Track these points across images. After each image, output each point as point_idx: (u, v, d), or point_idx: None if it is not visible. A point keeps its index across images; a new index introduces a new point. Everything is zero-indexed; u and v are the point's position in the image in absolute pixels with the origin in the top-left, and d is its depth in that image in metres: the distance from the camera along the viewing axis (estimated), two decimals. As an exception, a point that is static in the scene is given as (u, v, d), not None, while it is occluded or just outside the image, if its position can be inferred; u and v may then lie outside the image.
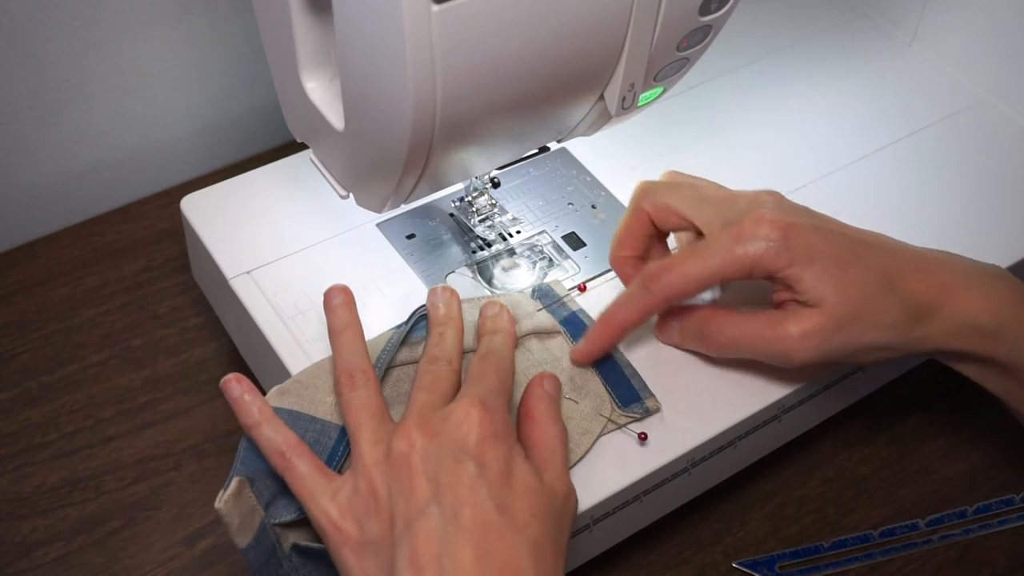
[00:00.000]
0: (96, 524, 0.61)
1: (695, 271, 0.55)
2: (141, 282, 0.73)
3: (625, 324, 0.57)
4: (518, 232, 0.64)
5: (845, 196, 0.69)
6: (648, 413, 0.56)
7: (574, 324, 0.59)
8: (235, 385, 0.52)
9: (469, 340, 0.56)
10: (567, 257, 0.64)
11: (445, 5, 0.43)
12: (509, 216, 0.64)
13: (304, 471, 0.50)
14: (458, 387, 0.53)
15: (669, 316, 0.59)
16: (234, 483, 0.51)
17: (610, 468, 0.55)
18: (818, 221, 0.57)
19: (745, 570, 0.61)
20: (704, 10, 0.52)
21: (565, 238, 0.65)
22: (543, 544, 0.47)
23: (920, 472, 0.66)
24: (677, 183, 0.60)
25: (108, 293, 0.73)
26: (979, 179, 0.71)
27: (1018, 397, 0.57)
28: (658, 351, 0.60)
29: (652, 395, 0.57)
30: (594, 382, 0.57)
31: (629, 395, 0.57)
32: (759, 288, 0.58)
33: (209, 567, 0.60)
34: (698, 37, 0.54)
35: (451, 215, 0.65)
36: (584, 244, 0.65)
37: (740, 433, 0.58)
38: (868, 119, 0.75)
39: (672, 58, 0.54)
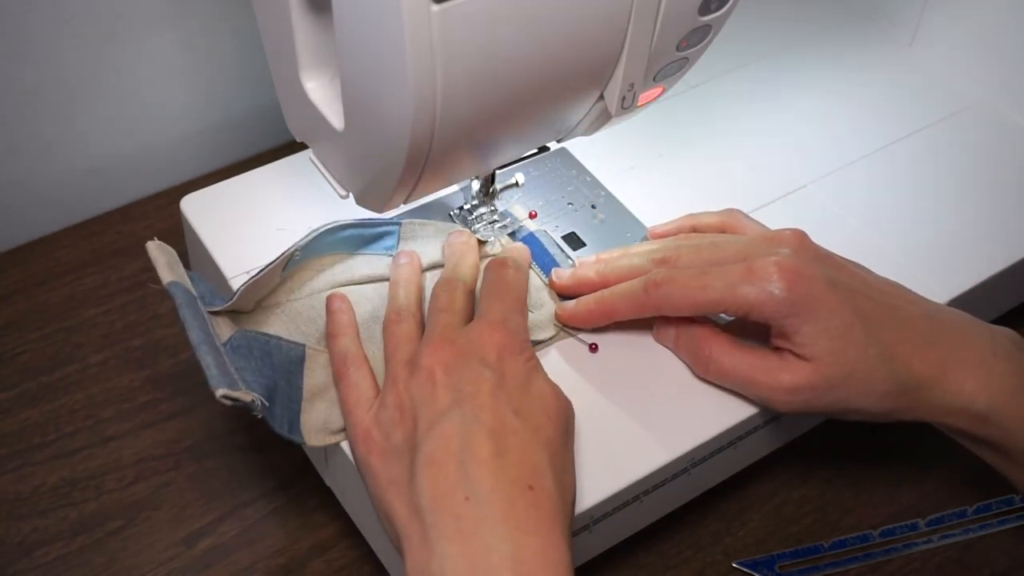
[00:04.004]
0: (96, 524, 0.61)
1: (694, 297, 0.55)
2: (141, 282, 0.73)
3: (615, 312, 0.58)
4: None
5: (844, 196, 0.69)
6: None
7: (528, 242, 0.63)
8: (338, 302, 0.58)
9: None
10: (567, 257, 0.64)
11: (445, 5, 0.43)
12: (508, 221, 0.64)
13: (355, 380, 0.54)
14: (472, 307, 0.57)
15: (670, 321, 0.59)
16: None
17: (610, 468, 0.55)
18: (835, 273, 0.55)
19: (745, 570, 0.61)
20: (704, 10, 0.52)
21: (565, 238, 0.65)
22: (556, 444, 0.50)
23: (920, 472, 0.66)
24: (678, 275, 0.56)
25: (108, 293, 0.73)
26: (979, 179, 0.71)
27: (1013, 475, 0.57)
28: (659, 350, 0.60)
29: None
30: (549, 297, 0.61)
31: None
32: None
33: (209, 567, 0.60)
34: (698, 37, 0.54)
35: (450, 215, 0.65)
36: (584, 244, 0.65)
37: (740, 433, 0.58)
38: (868, 119, 0.75)
39: (672, 58, 0.54)
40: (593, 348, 0.59)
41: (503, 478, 0.47)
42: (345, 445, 0.55)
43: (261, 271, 0.56)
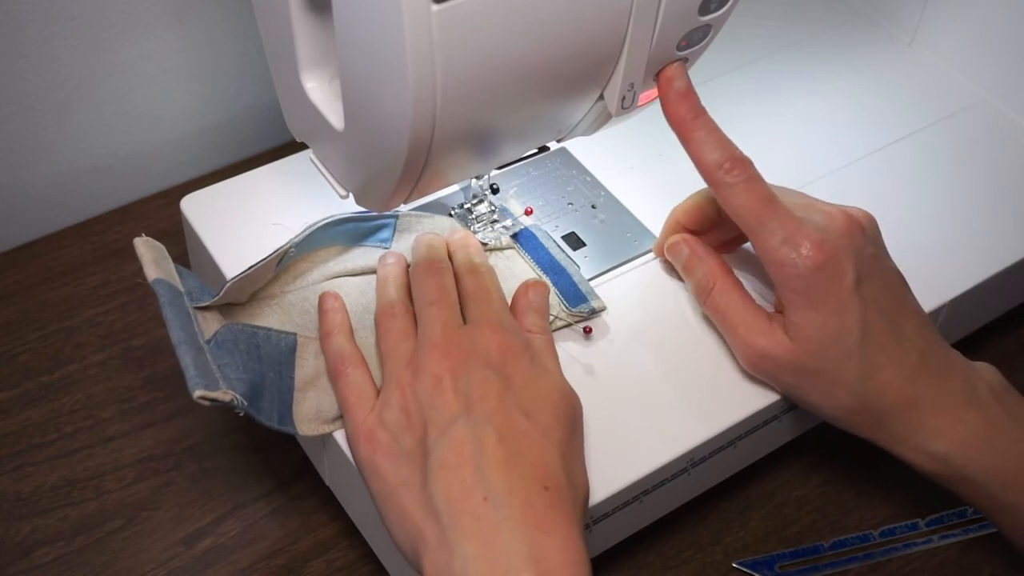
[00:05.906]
0: (96, 524, 0.61)
1: (751, 202, 0.55)
2: (141, 282, 0.73)
3: (696, 142, 0.57)
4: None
5: (844, 196, 0.69)
6: (594, 313, 0.61)
7: (525, 237, 0.64)
8: (331, 300, 0.58)
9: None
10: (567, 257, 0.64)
11: (445, 5, 0.43)
12: (509, 222, 0.64)
13: (355, 380, 0.54)
14: (455, 288, 0.57)
15: (688, 242, 0.60)
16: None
17: (610, 468, 0.55)
18: (868, 273, 0.55)
19: (745, 570, 0.61)
20: (704, 10, 0.52)
21: (565, 238, 0.65)
22: (566, 443, 0.51)
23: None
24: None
25: (108, 293, 0.73)
26: (979, 179, 0.71)
27: (971, 499, 0.56)
28: (658, 350, 0.60)
29: (598, 297, 0.61)
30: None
31: (577, 297, 0.61)
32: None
33: (209, 567, 0.60)
34: (698, 37, 0.54)
35: (450, 214, 0.65)
36: (584, 244, 0.65)
37: (740, 433, 0.58)
38: (868, 119, 0.75)
39: (672, 58, 0.54)
40: (587, 331, 0.60)
41: (518, 480, 0.48)
42: (343, 442, 0.55)
43: (252, 267, 0.56)
